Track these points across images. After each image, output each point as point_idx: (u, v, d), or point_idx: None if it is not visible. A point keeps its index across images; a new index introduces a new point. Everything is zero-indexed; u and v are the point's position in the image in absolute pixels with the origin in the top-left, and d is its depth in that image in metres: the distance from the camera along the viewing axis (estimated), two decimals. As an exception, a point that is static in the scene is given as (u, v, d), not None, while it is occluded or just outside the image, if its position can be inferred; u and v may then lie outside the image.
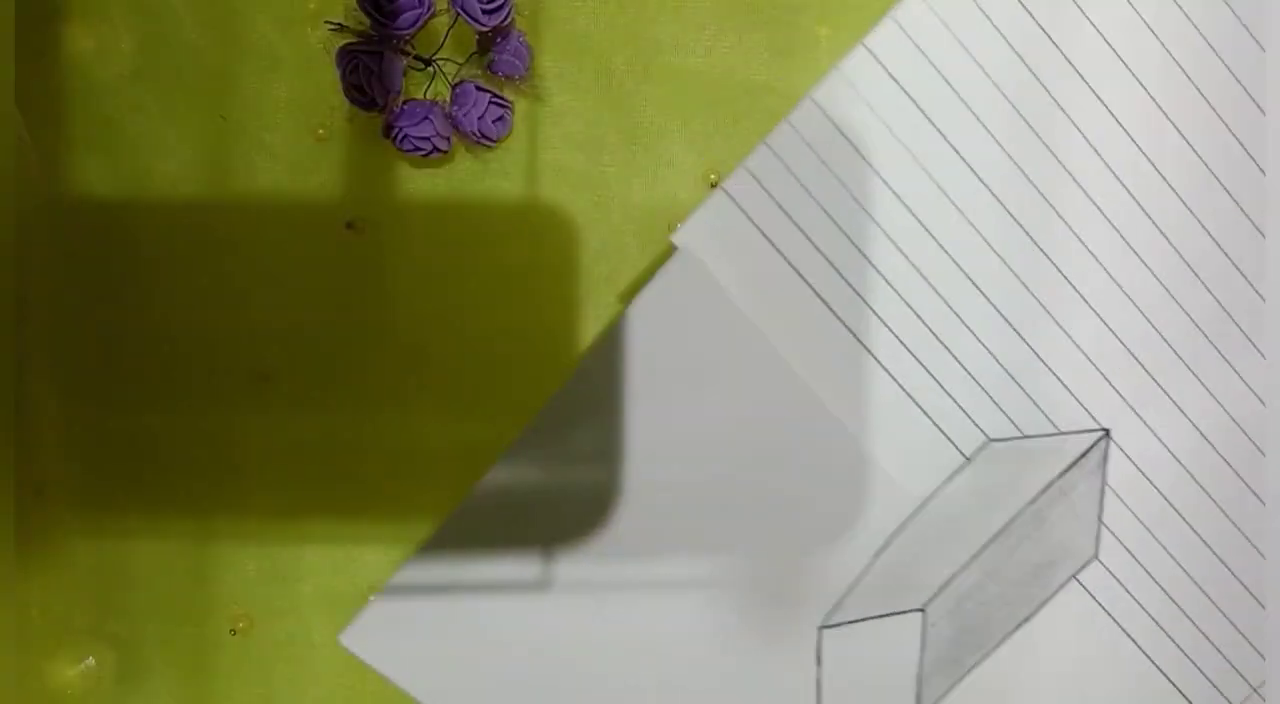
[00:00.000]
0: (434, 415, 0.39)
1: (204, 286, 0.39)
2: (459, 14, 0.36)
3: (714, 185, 0.39)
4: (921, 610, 0.38)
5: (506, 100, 0.38)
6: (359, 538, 0.39)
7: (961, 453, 0.38)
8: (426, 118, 0.37)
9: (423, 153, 0.37)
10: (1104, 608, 0.39)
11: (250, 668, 0.39)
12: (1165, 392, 0.38)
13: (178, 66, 0.39)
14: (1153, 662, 0.39)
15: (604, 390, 0.38)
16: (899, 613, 0.38)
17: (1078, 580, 0.39)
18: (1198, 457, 0.39)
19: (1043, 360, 0.38)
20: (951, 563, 0.38)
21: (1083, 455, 0.38)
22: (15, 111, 0.38)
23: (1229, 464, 0.39)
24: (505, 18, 0.37)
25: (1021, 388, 0.38)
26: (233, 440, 0.39)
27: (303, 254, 0.39)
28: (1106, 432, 0.38)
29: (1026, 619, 0.39)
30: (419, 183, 0.39)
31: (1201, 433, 0.39)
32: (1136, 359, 0.38)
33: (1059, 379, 0.38)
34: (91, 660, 0.39)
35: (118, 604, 0.39)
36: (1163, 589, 0.39)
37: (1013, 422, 0.38)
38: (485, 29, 0.37)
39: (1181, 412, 0.38)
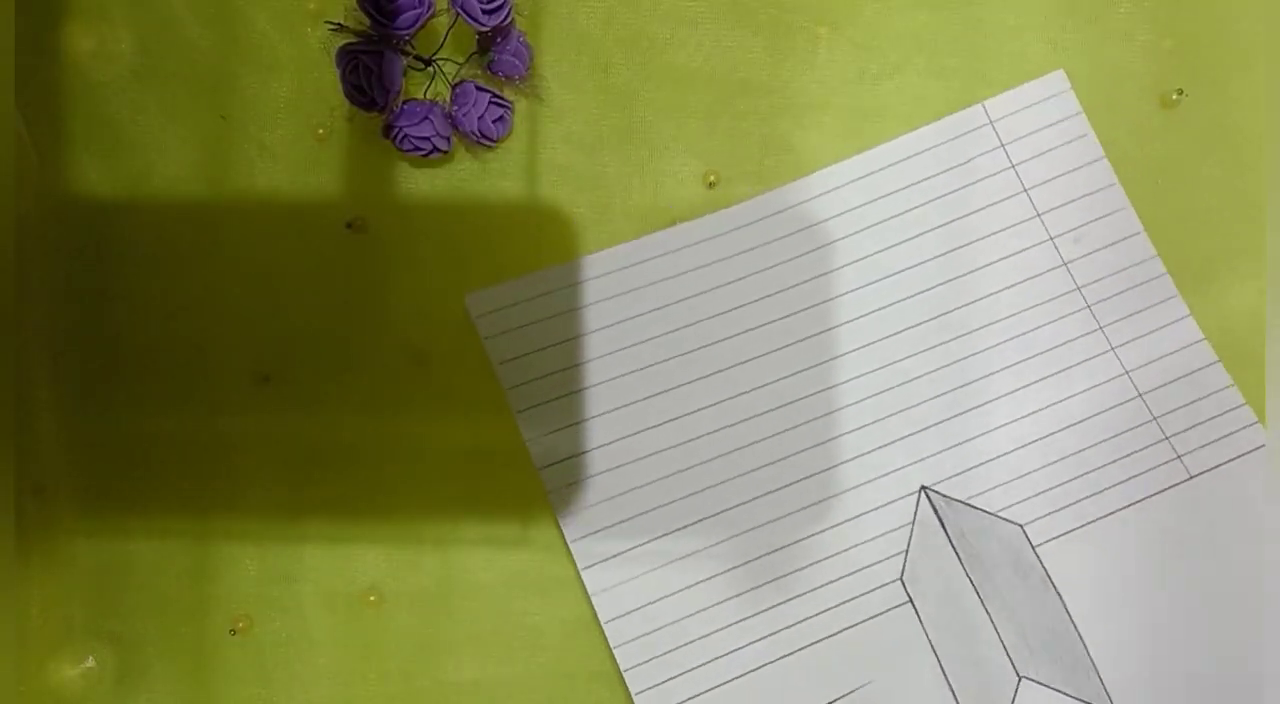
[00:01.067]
0: (434, 415, 0.39)
1: (204, 287, 0.39)
2: (459, 14, 0.36)
3: (712, 185, 0.39)
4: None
5: (506, 100, 0.38)
6: (359, 538, 0.39)
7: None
8: (426, 118, 0.37)
9: (423, 153, 0.37)
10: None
11: (250, 668, 0.39)
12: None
13: (178, 66, 0.39)
14: None
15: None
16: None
17: None
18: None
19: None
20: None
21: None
22: (15, 111, 0.38)
23: None
24: (505, 18, 0.37)
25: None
26: (233, 441, 0.39)
27: (303, 254, 0.39)
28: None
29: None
30: (419, 183, 0.39)
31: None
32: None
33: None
34: (91, 660, 0.39)
35: (118, 604, 0.39)
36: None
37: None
38: (485, 29, 0.37)
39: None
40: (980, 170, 0.39)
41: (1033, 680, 0.36)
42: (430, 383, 0.39)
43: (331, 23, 0.38)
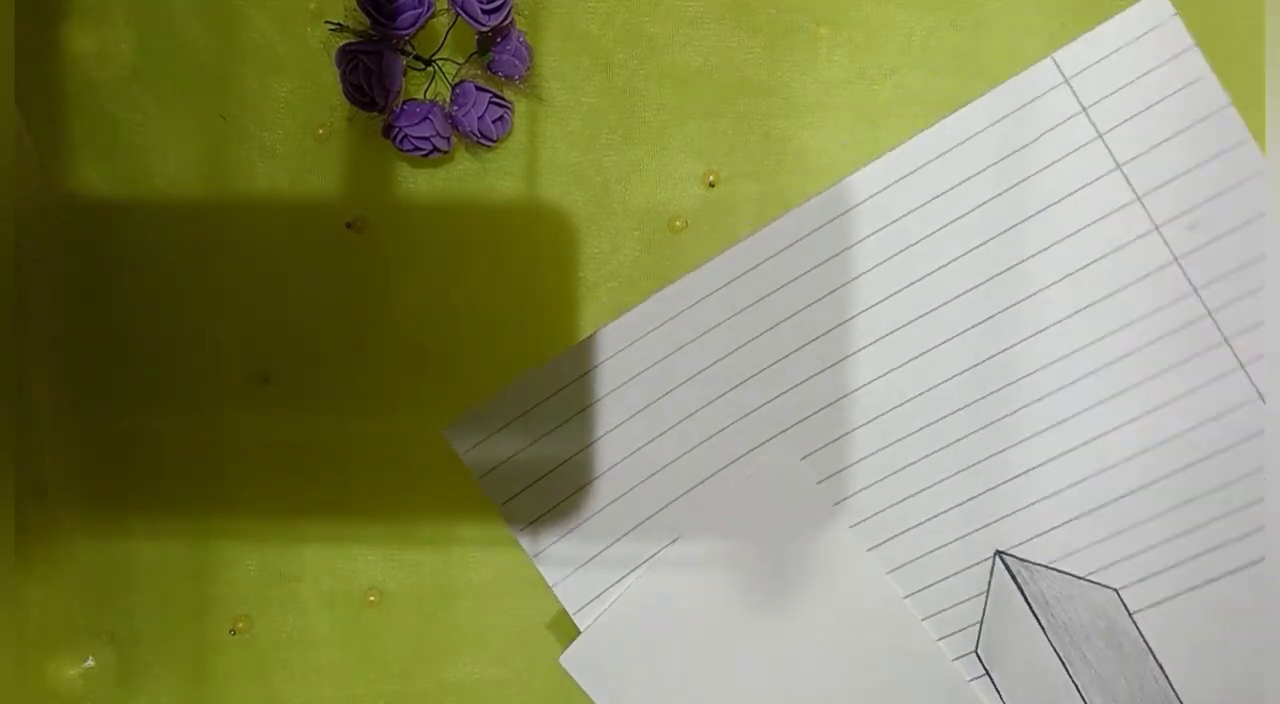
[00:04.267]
0: (434, 415, 0.39)
1: (204, 286, 0.39)
2: (459, 14, 0.36)
3: (712, 185, 0.39)
4: None
5: (506, 100, 0.38)
6: (359, 538, 0.39)
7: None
8: (426, 118, 0.37)
9: (423, 153, 0.37)
10: None
11: (250, 668, 0.39)
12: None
13: (178, 66, 0.39)
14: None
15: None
16: None
17: None
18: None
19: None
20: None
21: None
22: (15, 111, 0.38)
23: None
24: (505, 18, 0.37)
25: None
26: (233, 441, 0.39)
27: (303, 254, 0.39)
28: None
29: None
30: (419, 183, 0.39)
31: None
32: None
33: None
34: (91, 660, 0.39)
35: (118, 604, 0.39)
36: None
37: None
38: (485, 29, 0.37)
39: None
40: (1052, 145, 0.33)
41: None
42: (430, 383, 0.39)
43: (331, 23, 0.37)
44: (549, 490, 0.37)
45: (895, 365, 0.35)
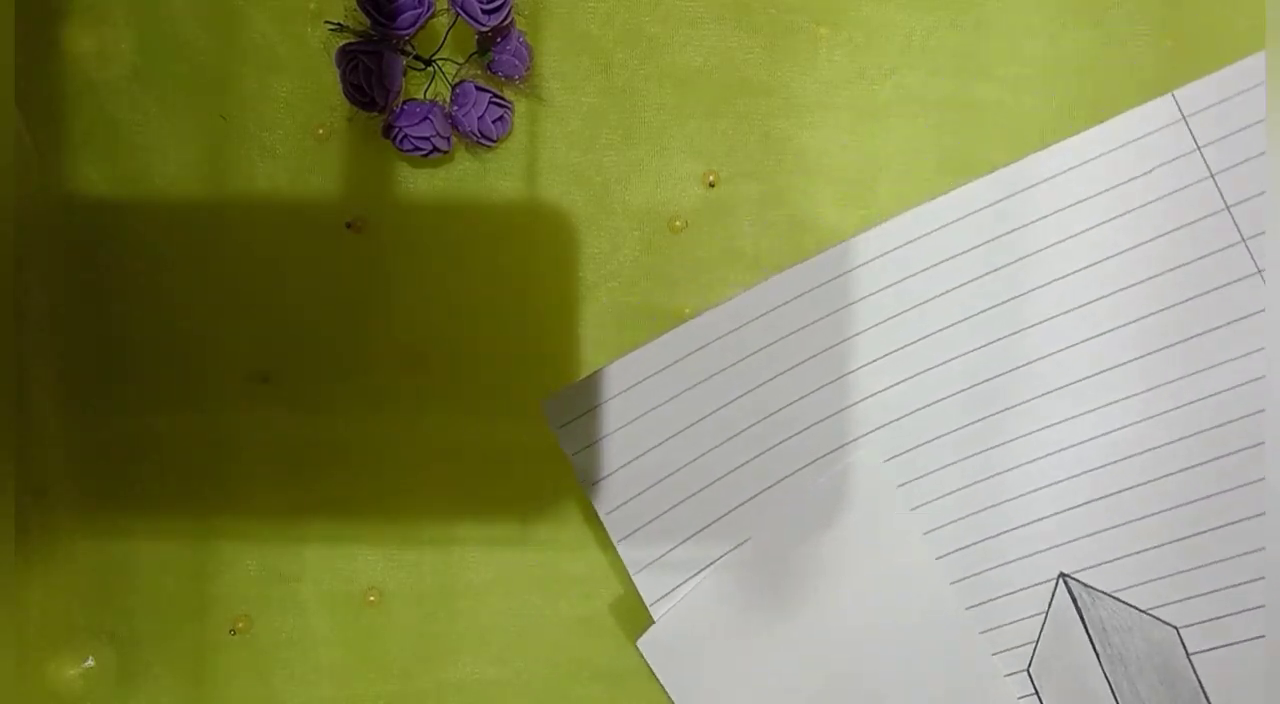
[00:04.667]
0: (434, 415, 0.39)
1: (204, 286, 0.39)
2: (459, 14, 0.36)
3: (712, 185, 0.39)
4: None
5: (506, 100, 0.38)
6: (359, 538, 0.39)
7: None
8: (426, 118, 0.37)
9: (423, 153, 0.37)
10: None
11: (250, 668, 0.39)
12: None
13: (178, 66, 0.39)
14: None
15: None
16: None
17: None
18: None
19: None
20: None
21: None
22: (15, 111, 0.38)
23: None
24: (505, 18, 0.37)
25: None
26: (233, 440, 0.39)
27: (303, 254, 0.39)
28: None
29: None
30: (419, 183, 0.39)
31: None
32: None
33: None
34: (91, 660, 0.39)
35: (118, 604, 0.39)
36: None
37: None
38: (485, 29, 0.37)
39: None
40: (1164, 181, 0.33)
41: None
42: (430, 383, 0.39)
43: (331, 23, 0.37)
44: (641, 477, 0.36)
45: (988, 376, 0.35)
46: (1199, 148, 0.33)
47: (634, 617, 0.39)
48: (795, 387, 0.35)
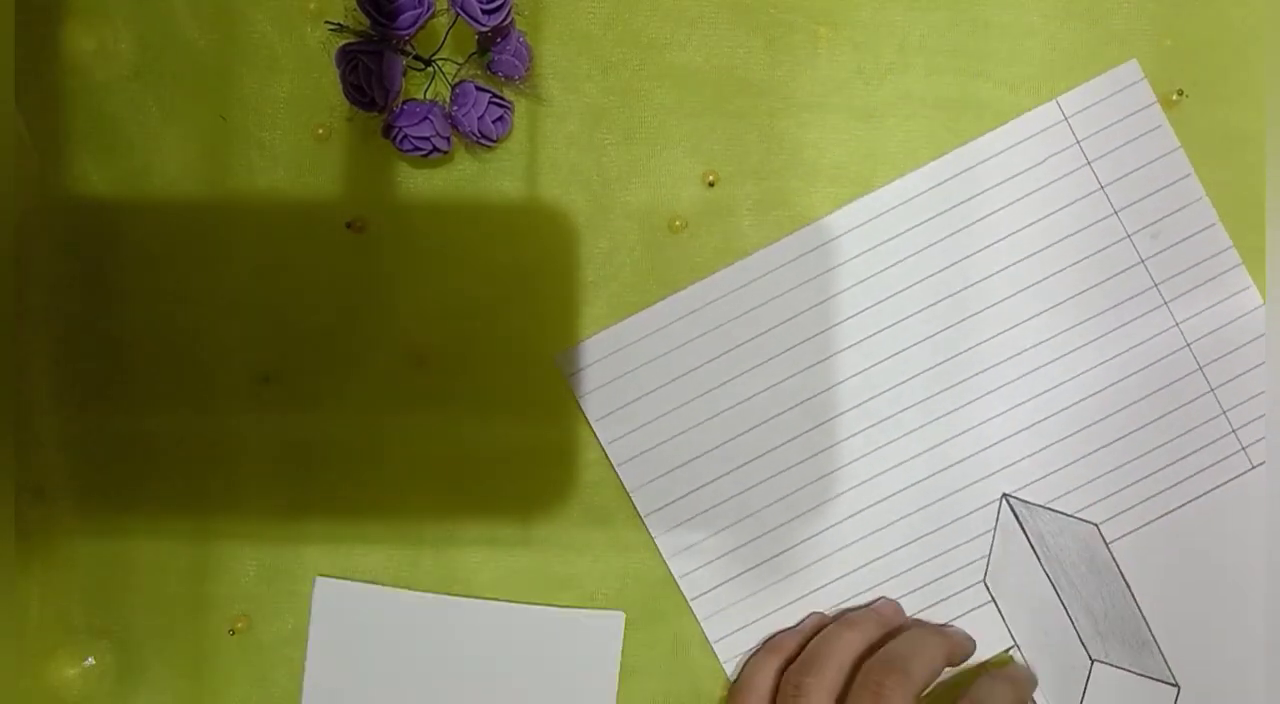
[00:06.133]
0: (434, 415, 0.39)
1: (204, 287, 0.39)
2: (459, 14, 0.36)
3: (712, 185, 0.39)
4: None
5: (506, 100, 0.38)
6: (359, 538, 0.39)
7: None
8: (426, 118, 0.37)
9: (422, 153, 0.37)
10: None
11: (248, 667, 0.39)
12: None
13: (178, 66, 0.39)
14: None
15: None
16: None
17: None
18: None
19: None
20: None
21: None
22: (15, 111, 0.38)
23: None
24: (505, 18, 0.37)
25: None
26: (233, 440, 0.39)
27: (303, 254, 0.39)
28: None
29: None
30: (419, 183, 0.39)
31: None
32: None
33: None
34: (91, 660, 0.39)
35: (118, 604, 0.39)
36: None
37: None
38: (485, 29, 0.37)
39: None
40: (1057, 169, 0.39)
41: (1104, 663, 0.39)
42: (430, 383, 0.39)
43: (331, 23, 0.37)
44: (657, 436, 0.40)
45: (946, 327, 0.40)
46: (1078, 142, 0.40)
47: (634, 617, 0.39)
48: (777, 346, 0.40)
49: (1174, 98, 0.39)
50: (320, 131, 0.39)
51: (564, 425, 0.40)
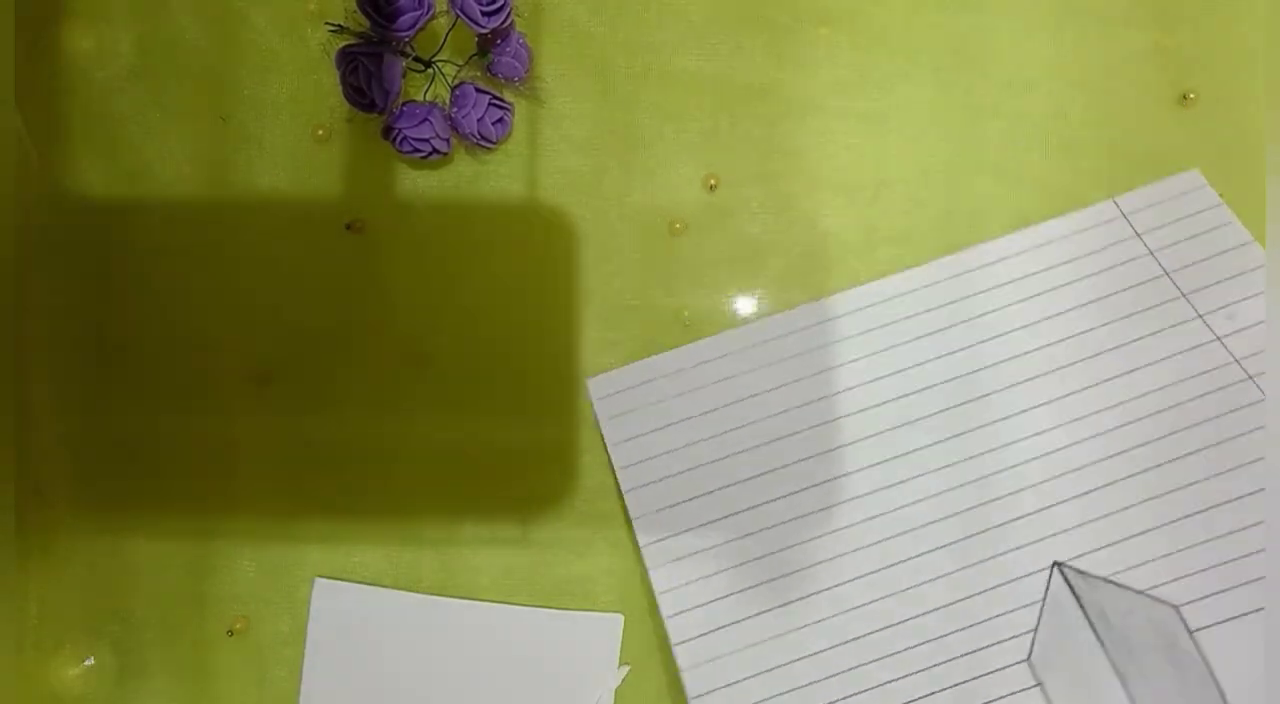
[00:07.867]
0: (434, 415, 0.39)
1: (204, 287, 0.39)
2: (459, 16, 0.36)
3: (712, 188, 0.39)
4: None
5: (506, 102, 0.38)
6: (358, 538, 0.40)
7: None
8: (426, 119, 0.37)
9: (422, 154, 0.37)
10: None
11: (247, 668, 0.39)
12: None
13: (178, 66, 0.39)
14: None
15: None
16: None
17: None
18: None
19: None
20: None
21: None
22: (15, 111, 0.38)
23: None
24: (505, 20, 0.37)
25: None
26: (233, 440, 0.39)
27: (303, 254, 0.39)
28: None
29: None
30: (418, 184, 0.39)
31: None
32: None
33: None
34: (91, 660, 0.39)
35: (118, 604, 0.39)
36: None
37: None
38: (485, 31, 0.37)
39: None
40: (1118, 257, 0.38)
41: None
42: (430, 383, 0.39)
43: (331, 24, 0.37)
44: (671, 467, 0.38)
45: (973, 395, 0.38)
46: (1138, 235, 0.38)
47: (634, 617, 0.39)
48: (800, 398, 0.38)
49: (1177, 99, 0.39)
50: (320, 132, 0.39)
51: (565, 426, 0.40)
